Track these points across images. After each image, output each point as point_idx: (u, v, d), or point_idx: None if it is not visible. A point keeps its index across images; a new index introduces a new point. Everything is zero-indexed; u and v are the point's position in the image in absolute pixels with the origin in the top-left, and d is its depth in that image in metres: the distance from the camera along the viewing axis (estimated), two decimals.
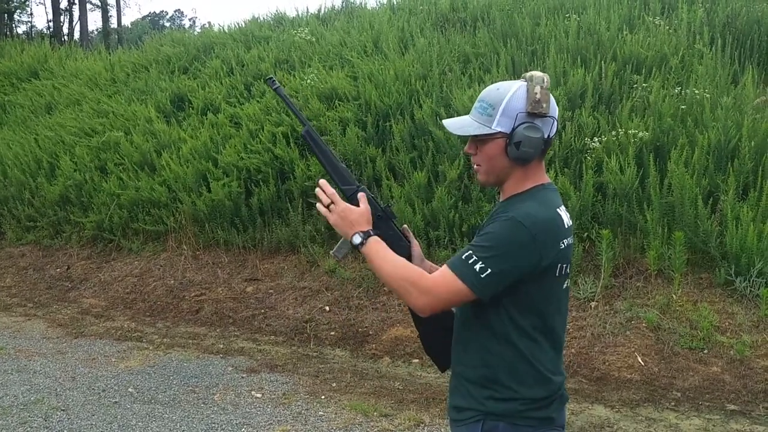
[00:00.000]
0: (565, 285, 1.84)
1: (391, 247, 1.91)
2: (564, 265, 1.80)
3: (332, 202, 1.94)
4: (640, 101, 6.49)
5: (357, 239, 1.88)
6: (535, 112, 1.76)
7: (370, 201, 2.02)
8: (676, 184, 5.42)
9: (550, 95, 1.79)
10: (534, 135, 1.76)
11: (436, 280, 1.75)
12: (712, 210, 5.34)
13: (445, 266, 1.76)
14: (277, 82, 2.13)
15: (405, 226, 2.11)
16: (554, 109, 1.82)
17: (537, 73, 1.79)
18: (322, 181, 1.99)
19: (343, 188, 2.06)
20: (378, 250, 1.86)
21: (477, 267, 1.69)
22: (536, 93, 1.76)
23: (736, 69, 7.03)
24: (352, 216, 1.92)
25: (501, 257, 1.69)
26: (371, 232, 1.89)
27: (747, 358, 4.68)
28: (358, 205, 1.96)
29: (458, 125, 1.87)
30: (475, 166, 1.89)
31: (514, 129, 1.76)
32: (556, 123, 1.82)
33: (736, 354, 4.71)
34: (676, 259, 5.13)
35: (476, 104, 1.85)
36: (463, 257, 1.73)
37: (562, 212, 1.80)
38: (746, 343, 4.75)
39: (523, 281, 1.74)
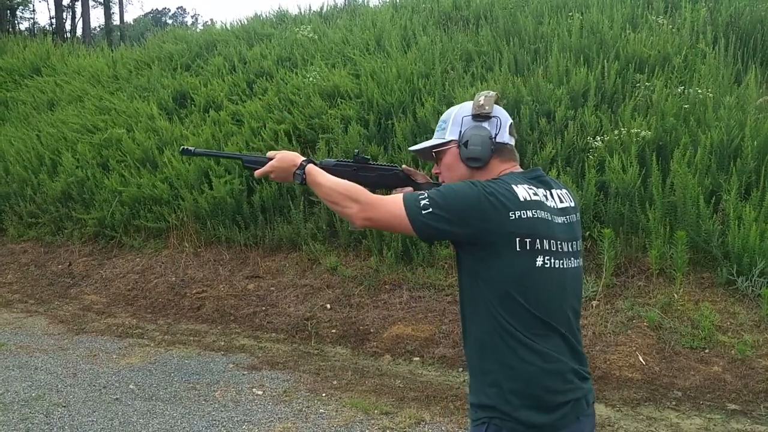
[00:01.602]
0: (539, 262, 1.77)
1: (382, 182, 2.22)
2: (525, 239, 1.75)
3: (267, 172, 2.15)
4: (642, 100, 6.48)
5: (298, 179, 2.05)
6: (478, 114, 1.91)
7: (340, 163, 2.21)
8: (679, 184, 5.42)
9: (495, 104, 1.93)
10: (479, 133, 1.90)
11: (384, 199, 1.85)
12: (715, 209, 5.33)
13: (400, 194, 1.85)
14: (191, 149, 2.33)
15: (405, 166, 2.28)
16: (500, 111, 1.94)
17: (485, 91, 1.98)
18: (257, 173, 2.18)
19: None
20: (317, 173, 2.01)
21: (422, 203, 1.78)
22: (480, 100, 1.92)
23: (739, 68, 7.02)
24: (281, 163, 2.10)
25: (446, 202, 1.76)
26: (304, 163, 2.06)
27: (748, 358, 4.67)
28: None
29: (420, 144, 2.06)
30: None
31: (461, 133, 1.93)
32: (504, 125, 1.92)
33: (737, 354, 4.70)
34: (678, 259, 5.12)
35: (437, 126, 2.04)
36: (417, 193, 1.83)
37: (519, 188, 1.80)
38: (747, 342, 4.74)
39: (483, 253, 1.76)
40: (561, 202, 1.89)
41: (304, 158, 2.07)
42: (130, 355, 5.60)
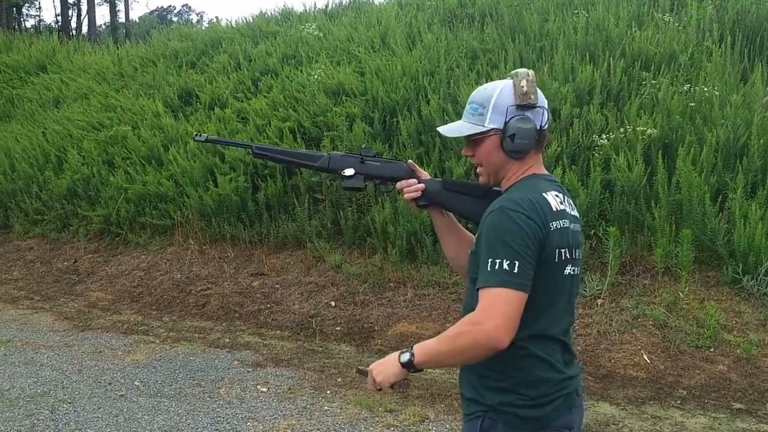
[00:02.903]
0: (566, 271, 1.80)
1: (388, 174, 2.16)
2: (561, 250, 1.77)
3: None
4: (648, 98, 6.46)
5: (405, 358, 1.77)
6: (524, 104, 1.81)
7: (346, 155, 2.20)
8: (684, 182, 5.40)
9: (537, 87, 1.84)
10: (527, 126, 1.81)
11: (483, 307, 1.66)
12: (720, 208, 5.32)
13: (480, 291, 1.68)
14: (204, 136, 2.33)
15: (410, 161, 2.22)
16: (543, 100, 1.87)
17: (522, 70, 1.84)
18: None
19: (317, 165, 2.21)
20: (428, 350, 1.75)
21: (505, 266, 1.65)
22: (523, 86, 1.81)
23: (746, 66, 6.99)
24: (384, 362, 1.83)
25: (514, 245, 1.67)
26: (407, 350, 1.79)
27: (754, 357, 4.66)
28: (342, 175, 2.16)
29: (453, 129, 1.93)
30: (475, 167, 1.95)
31: (506, 123, 1.82)
32: (546, 113, 1.86)
33: (742, 352, 4.69)
34: (684, 257, 5.11)
35: (467, 107, 1.91)
36: (488, 269, 1.67)
37: (550, 196, 1.79)
38: (753, 341, 4.73)
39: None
40: (572, 209, 1.90)
41: (403, 350, 1.80)
42: (135, 352, 5.61)
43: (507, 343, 1.63)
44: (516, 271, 1.65)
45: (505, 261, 1.65)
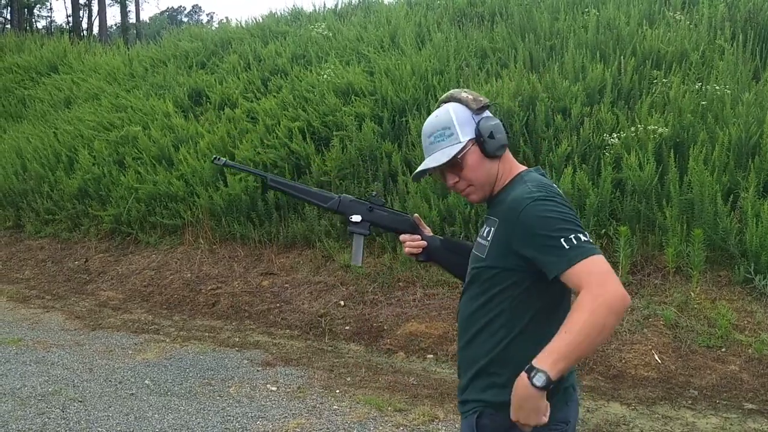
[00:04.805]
0: None
1: (393, 225, 2.22)
2: None
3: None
4: (659, 97, 6.43)
5: (540, 380, 1.57)
6: (480, 107, 1.87)
7: (356, 201, 2.26)
8: (696, 181, 5.36)
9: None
10: (494, 122, 1.86)
11: (592, 278, 1.59)
12: (732, 207, 5.28)
13: (573, 268, 1.61)
14: (222, 159, 2.40)
15: (416, 215, 2.25)
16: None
17: (453, 90, 1.93)
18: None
19: (327, 206, 2.27)
20: (560, 353, 1.58)
21: (583, 238, 1.63)
22: (468, 96, 1.87)
23: (758, 65, 6.94)
24: (520, 404, 1.64)
25: (574, 220, 1.68)
26: (530, 370, 1.60)
27: (766, 357, 4.62)
28: (350, 220, 2.23)
29: (430, 162, 1.89)
30: (464, 192, 1.90)
31: (478, 128, 1.85)
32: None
33: (754, 353, 4.65)
34: (695, 257, 5.07)
35: (428, 142, 1.91)
36: (566, 248, 1.62)
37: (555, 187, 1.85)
38: (765, 341, 4.69)
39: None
40: None
41: (526, 373, 1.61)
42: (145, 351, 5.63)
43: (629, 301, 1.61)
44: (590, 239, 1.65)
45: (578, 234, 1.63)
